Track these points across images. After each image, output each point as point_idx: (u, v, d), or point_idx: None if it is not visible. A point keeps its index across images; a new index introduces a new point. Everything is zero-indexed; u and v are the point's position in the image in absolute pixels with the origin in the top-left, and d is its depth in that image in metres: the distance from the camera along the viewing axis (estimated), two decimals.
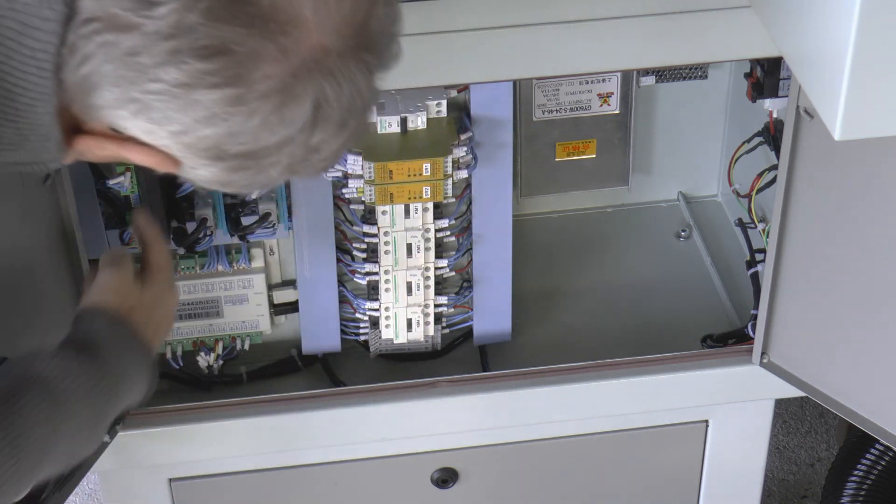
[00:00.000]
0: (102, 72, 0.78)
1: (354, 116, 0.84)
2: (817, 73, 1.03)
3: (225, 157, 0.82)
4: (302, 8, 0.79)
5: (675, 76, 1.67)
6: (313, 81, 0.81)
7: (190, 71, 0.77)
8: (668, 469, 1.67)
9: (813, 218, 1.39)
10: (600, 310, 1.66)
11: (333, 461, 1.58)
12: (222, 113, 0.79)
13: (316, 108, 0.82)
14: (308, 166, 0.86)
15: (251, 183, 0.86)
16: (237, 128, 0.80)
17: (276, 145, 0.82)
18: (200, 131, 0.80)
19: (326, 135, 0.83)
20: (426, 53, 1.24)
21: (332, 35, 0.80)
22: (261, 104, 0.80)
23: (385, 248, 1.47)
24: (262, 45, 0.78)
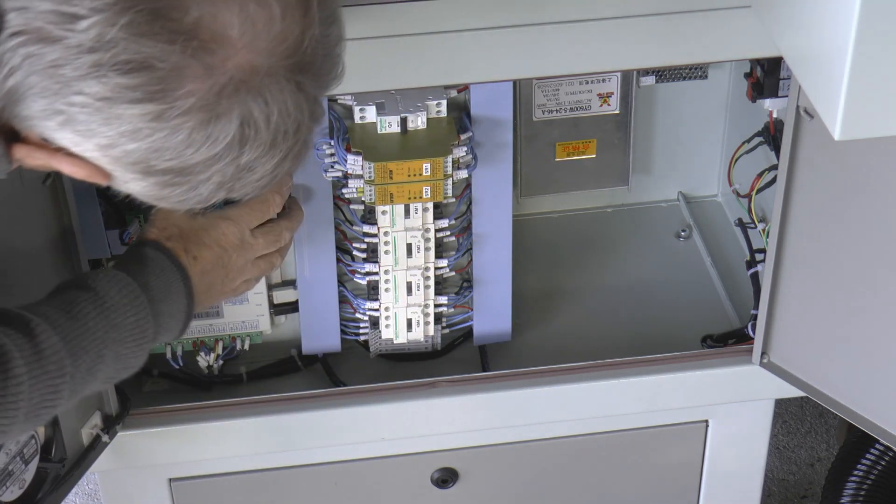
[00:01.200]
0: (28, 83, 0.79)
1: (286, 137, 0.84)
2: (817, 73, 1.03)
3: (153, 172, 0.83)
4: (227, 27, 0.79)
5: (675, 76, 1.67)
6: (239, 100, 0.81)
7: (111, 85, 0.78)
8: (668, 469, 1.67)
9: (813, 218, 1.39)
10: (600, 310, 1.66)
11: (333, 461, 1.58)
12: (145, 128, 0.80)
13: (243, 127, 0.82)
14: (244, 185, 0.86)
15: (185, 199, 0.86)
16: (161, 144, 0.81)
17: (204, 163, 0.82)
18: (125, 145, 0.81)
19: (257, 154, 0.83)
20: (426, 53, 1.24)
21: (261, 55, 0.80)
22: (183, 121, 0.80)
23: (385, 248, 1.47)
24: (185, 62, 0.78)
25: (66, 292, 1.09)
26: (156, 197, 0.86)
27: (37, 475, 1.27)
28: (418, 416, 1.52)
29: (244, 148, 0.83)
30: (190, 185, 0.85)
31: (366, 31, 1.21)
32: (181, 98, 0.79)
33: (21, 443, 1.23)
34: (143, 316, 1.12)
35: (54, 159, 0.84)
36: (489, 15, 1.22)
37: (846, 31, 0.96)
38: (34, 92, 0.79)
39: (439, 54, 1.24)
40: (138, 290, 1.12)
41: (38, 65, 0.78)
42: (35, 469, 1.26)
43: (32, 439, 1.25)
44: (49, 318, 1.04)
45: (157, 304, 1.14)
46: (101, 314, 1.08)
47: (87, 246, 1.38)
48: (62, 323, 1.04)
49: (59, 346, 1.02)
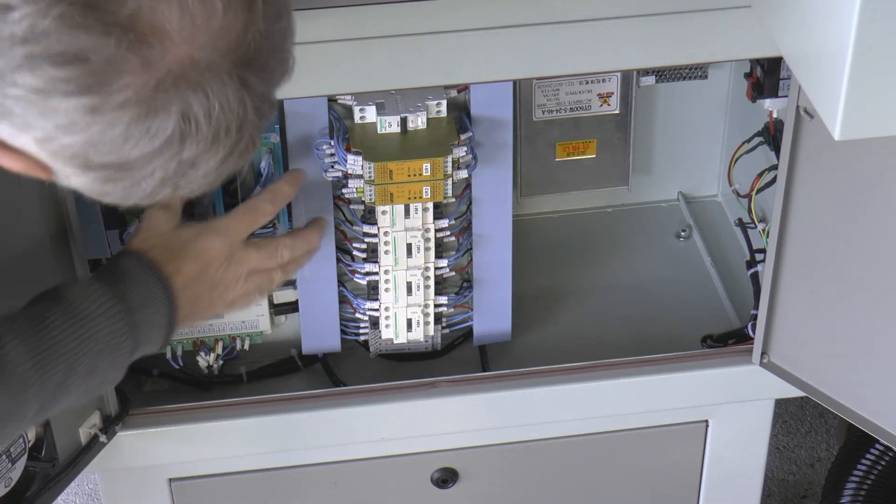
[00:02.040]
0: None
1: (229, 133, 0.83)
2: (817, 73, 1.03)
3: (92, 166, 0.82)
4: (165, 20, 0.78)
5: (675, 76, 1.67)
6: (178, 94, 0.80)
7: (45, 77, 0.77)
8: (668, 469, 1.67)
9: (813, 218, 1.39)
10: (600, 310, 1.66)
11: (333, 461, 1.58)
12: (81, 122, 0.79)
13: (182, 122, 0.81)
14: (189, 181, 0.85)
15: (129, 195, 0.85)
16: (98, 138, 0.80)
17: (144, 158, 0.82)
18: (62, 139, 0.80)
19: (199, 150, 0.82)
20: (426, 53, 1.24)
21: (203, 49, 0.79)
22: (120, 115, 0.79)
23: (385, 248, 1.47)
24: (120, 54, 0.77)
25: (38, 304, 1.07)
26: (98, 192, 0.85)
27: (24, 474, 1.27)
28: (418, 416, 1.52)
29: (185, 143, 0.82)
30: (132, 180, 0.83)
31: (366, 31, 1.21)
32: (117, 91, 0.78)
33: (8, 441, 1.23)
34: (120, 326, 1.09)
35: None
36: (489, 15, 1.22)
37: (846, 31, 0.96)
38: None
39: (439, 54, 1.24)
40: (114, 299, 1.09)
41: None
42: (22, 468, 1.26)
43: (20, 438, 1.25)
44: (16, 330, 1.02)
45: (135, 314, 1.11)
46: (73, 325, 1.06)
47: (87, 246, 1.38)
48: (29, 335, 1.02)
49: (24, 359, 1.00)
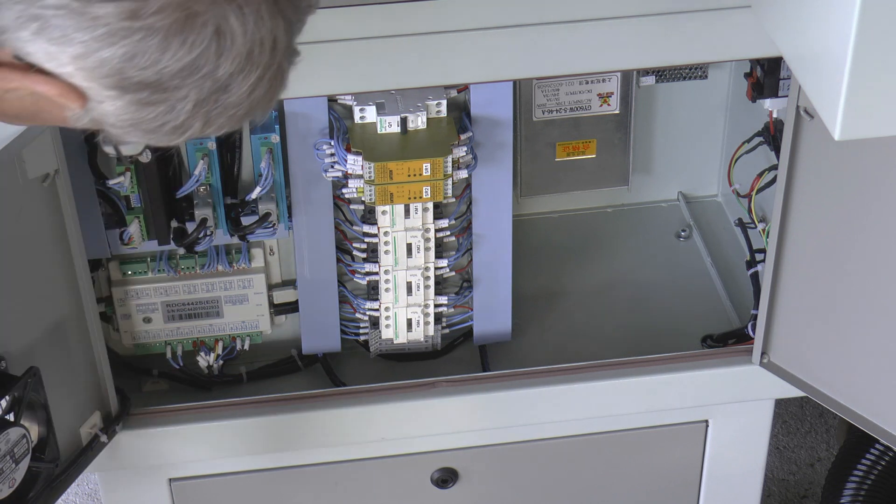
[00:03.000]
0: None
1: (262, 52, 0.83)
2: (817, 73, 1.03)
3: (128, 86, 0.82)
4: None
5: (675, 76, 1.67)
6: (215, 5, 0.80)
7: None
8: (668, 469, 1.67)
9: (813, 218, 1.39)
10: (600, 310, 1.66)
11: (333, 461, 1.58)
12: (120, 30, 0.79)
13: (218, 35, 0.81)
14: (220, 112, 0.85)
15: (163, 122, 0.84)
16: (136, 48, 0.80)
17: (179, 73, 0.81)
18: (101, 52, 0.80)
19: (233, 68, 0.82)
20: (426, 53, 1.24)
21: None
22: (159, 19, 0.79)
23: (385, 248, 1.47)
24: None
25: None
26: (132, 121, 0.84)
27: (28, 475, 1.27)
28: (418, 416, 1.52)
29: (220, 59, 0.81)
30: (167, 104, 0.83)
31: (366, 31, 1.21)
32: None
33: (11, 442, 1.23)
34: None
35: (28, 79, 0.82)
36: (489, 15, 1.22)
37: (846, 31, 0.96)
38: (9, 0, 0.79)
39: (439, 54, 1.24)
40: None
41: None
42: (26, 468, 1.26)
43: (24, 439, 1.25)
44: None
45: None
46: None
47: (88, 246, 1.38)
48: None
49: None
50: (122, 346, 1.54)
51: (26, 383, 1.25)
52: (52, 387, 1.32)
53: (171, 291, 1.50)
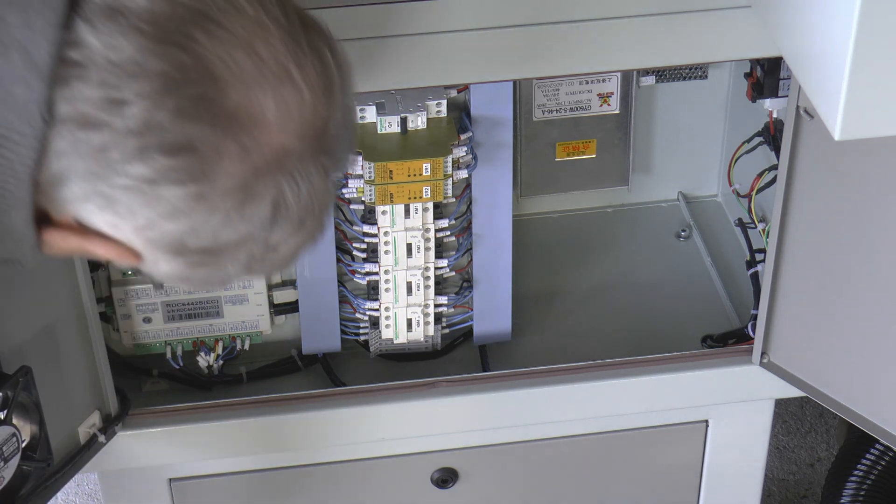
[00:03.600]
0: (73, 167, 0.81)
1: (312, 217, 0.86)
2: (817, 73, 1.03)
3: (186, 252, 0.85)
4: (265, 109, 0.81)
5: (675, 76, 1.67)
6: (273, 181, 0.83)
7: (156, 167, 0.80)
8: (668, 469, 1.67)
9: (813, 218, 1.39)
10: (600, 310, 1.66)
11: (333, 461, 1.58)
12: (186, 208, 0.82)
13: (275, 208, 0.84)
14: (265, 265, 0.88)
15: (209, 279, 0.88)
16: (199, 223, 0.83)
17: (236, 242, 0.85)
18: (164, 226, 0.82)
19: (285, 234, 0.86)
20: (426, 53, 1.24)
21: (292, 137, 0.82)
22: (222, 201, 0.82)
23: (385, 248, 1.47)
24: (225, 143, 0.80)
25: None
26: (182, 277, 0.88)
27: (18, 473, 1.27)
28: (418, 416, 1.52)
29: (275, 227, 0.85)
30: (219, 264, 0.87)
31: (366, 31, 1.21)
32: (221, 179, 0.81)
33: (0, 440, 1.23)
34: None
35: (88, 242, 0.86)
36: (489, 15, 1.22)
37: (846, 31, 0.96)
38: (77, 175, 0.81)
39: (439, 54, 1.24)
40: None
41: (83, 149, 0.80)
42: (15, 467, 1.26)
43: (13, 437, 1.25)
44: None
45: None
46: None
47: None
48: None
49: None
50: (122, 346, 1.54)
51: (17, 382, 1.25)
52: (51, 386, 1.32)
53: (171, 291, 1.50)
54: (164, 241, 0.84)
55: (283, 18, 0.83)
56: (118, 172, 0.80)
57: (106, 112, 0.79)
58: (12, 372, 1.25)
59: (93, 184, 0.81)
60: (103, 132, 0.79)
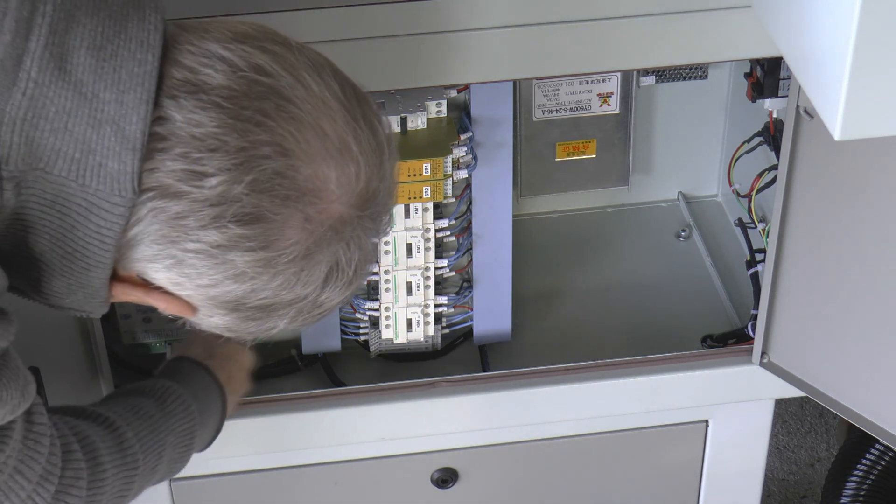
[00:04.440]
0: (148, 231, 0.86)
1: (358, 277, 0.92)
2: (817, 73, 1.03)
3: (242, 309, 0.90)
4: (328, 182, 0.86)
5: (675, 76, 1.67)
6: (331, 248, 0.88)
7: (230, 235, 0.85)
8: (668, 469, 1.67)
9: (813, 218, 1.39)
10: (600, 310, 1.66)
11: (333, 461, 1.58)
12: (251, 272, 0.87)
13: (330, 272, 0.89)
14: (309, 318, 0.93)
15: (256, 331, 0.93)
16: (261, 286, 0.88)
17: (290, 301, 0.90)
18: (227, 286, 0.88)
19: (334, 293, 0.91)
20: (426, 53, 1.24)
21: (347, 206, 0.88)
22: (287, 267, 0.87)
23: (385, 248, 1.47)
24: (292, 214, 0.86)
25: (129, 397, 1.17)
26: (231, 329, 0.93)
27: None
28: (418, 416, 1.52)
29: (326, 288, 0.90)
30: (268, 319, 0.91)
31: (366, 31, 1.21)
32: (289, 247, 0.86)
33: None
34: (194, 423, 1.20)
35: (150, 296, 0.91)
36: (489, 15, 1.22)
37: (846, 31, 0.96)
38: (151, 239, 0.86)
39: (439, 54, 1.24)
40: (190, 399, 1.20)
41: (162, 216, 0.85)
42: None
43: None
44: (123, 417, 1.11)
45: (202, 415, 1.22)
46: (164, 418, 1.16)
47: None
48: (134, 422, 1.12)
49: (133, 442, 1.09)
50: (122, 346, 1.54)
51: None
52: (51, 386, 1.32)
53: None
54: (223, 299, 0.89)
55: (341, 94, 0.88)
56: (192, 238, 0.85)
57: (186, 183, 0.84)
58: None
59: (165, 247, 0.86)
60: (182, 201, 0.84)
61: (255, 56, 0.86)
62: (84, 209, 0.85)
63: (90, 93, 0.83)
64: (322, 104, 0.87)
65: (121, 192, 0.84)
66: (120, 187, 0.84)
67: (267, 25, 0.90)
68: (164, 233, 0.85)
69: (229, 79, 0.85)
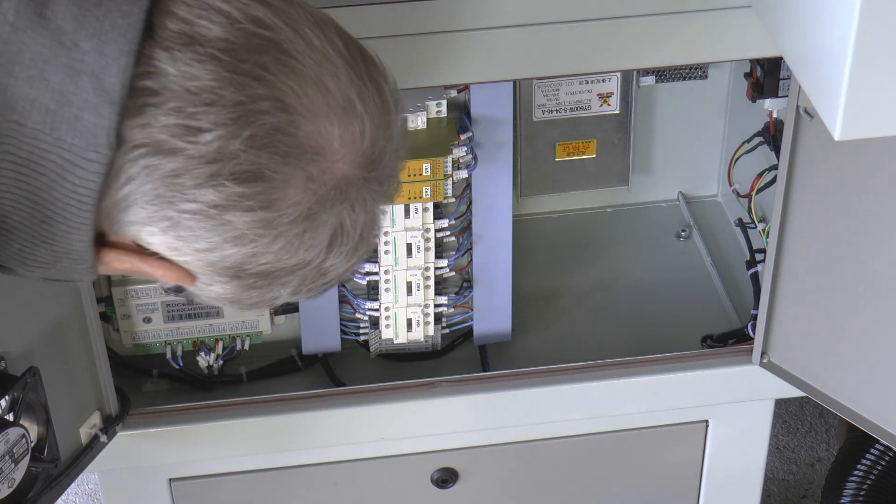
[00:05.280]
0: (141, 191, 0.82)
1: (364, 242, 0.88)
2: (817, 73, 1.03)
3: (243, 275, 0.86)
4: (332, 140, 0.83)
5: (675, 76, 1.67)
6: (334, 210, 0.85)
7: (227, 193, 0.81)
8: (668, 469, 1.67)
9: (813, 218, 1.39)
10: (600, 310, 1.66)
11: (333, 461, 1.58)
12: (251, 234, 0.83)
13: (334, 235, 0.86)
14: (314, 288, 0.89)
15: (258, 301, 0.89)
16: (261, 249, 0.84)
17: (293, 267, 0.86)
18: (226, 250, 0.84)
19: (339, 259, 0.88)
20: (426, 53, 1.24)
21: (352, 166, 0.84)
22: (287, 228, 0.84)
23: (385, 248, 1.47)
24: (293, 172, 0.82)
25: None
26: (232, 299, 0.89)
27: (27, 475, 1.27)
28: (418, 416, 1.52)
29: (330, 254, 0.87)
30: (271, 287, 0.88)
31: (366, 31, 1.21)
32: (289, 207, 0.83)
33: (10, 442, 1.23)
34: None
35: (146, 263, 0.87)
36: (489, 15, 1.22)
37: (846, 31, 0.96)
38: (145, 199, 0.82)
39: (439, 54, 1.24)
40: None
41: (155, 174, 0.81)
42: (25, 468, 1.26)
43: (23, 439, 1.25)
44: None
45: None
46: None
47: None
48: None
49: None
50: (122, 346, 1.54)
51: (26, 383, 1.25)
52: (51, 387, 1.32)
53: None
54: (223, 265, 0.85)
55: (345, 51, 0.85)
56: (187, 198, 0.81)
57: (181, 139, 0.80)
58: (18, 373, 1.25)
59: (160, 207, 0.82)
60: (177, 158, 0.81)
61: (253, 8, 0.83)
62: (59, 167, 0.81)
63: (69, 41, 0.80)
64: (324, 59, 0.84)
65: (97, 147, 0.80)
66: (96, 142, 0.80)
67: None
68: (159, 192, 0.81)
69: (226, 31, 0.82)
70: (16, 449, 1.26)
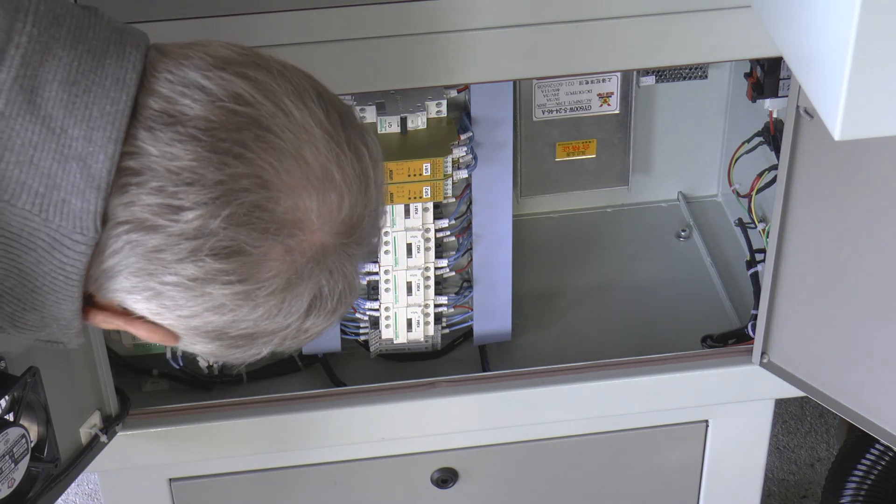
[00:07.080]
0: (125, 263, 0.84)
1: (343, 304, 0.91)
2: (817, 73, 1.03)
3: (224, 338, 0.89)
4: (309, 212, 0.85)
5: (675, 76, 1.67)
6: (313, 278, 0.87)
7: (207, 268, 0.83)
8: (668, 469, 1.67)
9: (813, 218, 1.39)
10: (600, 310, 1.66)
11: (333, 461, 1.58)
12: (230, 304, 0.85)
13: (312, 301, 0.88)
14: (294, 343, 0.92)
15: (241, 357, 0.92)
16: (241, 317, 0.86)
17: (272, 331, 0.89)
18: (207, 318, 0.86)
19: (318, 321, 0.90)
20: (426, 53, 1.24)
21: (330, 235, 0.86)
22: (266, 299, 0.86)
23: (385, 248, 1.47)
24: (272, 246, 0.84)
25: None
26: (216, 356, 0.92)
27: (27, 475, 1.28)
28: (418, 416, 1.52)
29: (309, 317, 0.89)
30: (254, 346, 0.90)
31: (366, 31, 1.21)
32: (267, 279, 0.85)
33: (10, 442, 1.23)
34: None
35: (131, 325, 0.89)
36: (489, 15, 1.22)
37: (846, 31, 0.96)
38: (129, 271, 0.85)
39: (439, 54, 1.24)
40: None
41: (138, 249, 0.83)
42: (25, 468, 1.27)
43: (23, 439, 1.25)
44: None
45: None
46: None
47: None
48: None
49: None
50: (122, 346, 1.54)
51: (26, 383, 1.25)
52: (51, 386, 1.32)
53: None
54: (205, 329, 0.87)
55: (325, 120, 0.86)
56: (169, 271, 0.84)
57: (162, 217, 0.82)
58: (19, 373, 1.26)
59: (142, 279, 0.85)
60: (158, 235, 0.83)
61: (234, 84, 0.85)
62: (48, 244, 0.84)
63: (59, 128, 0.82)
64: (304, 131, 0.85)
65: (83, 230, 0.83)
66: (82, 225, 0.83)
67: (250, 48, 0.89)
68: (141, 265, 0.84)
69: (207, 109, 0.84)
70: (16, 449, 1.26)
